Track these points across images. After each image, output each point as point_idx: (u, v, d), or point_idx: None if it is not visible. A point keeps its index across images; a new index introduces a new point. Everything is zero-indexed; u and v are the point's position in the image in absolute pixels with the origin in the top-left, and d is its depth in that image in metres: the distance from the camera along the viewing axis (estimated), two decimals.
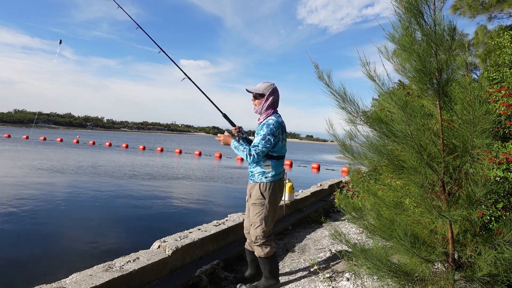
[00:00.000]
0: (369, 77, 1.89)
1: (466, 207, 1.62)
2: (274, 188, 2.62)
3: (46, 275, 4.05)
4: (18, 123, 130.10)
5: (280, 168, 2.69)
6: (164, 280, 2.59)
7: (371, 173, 2.41)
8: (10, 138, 36.58)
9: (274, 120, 2.59)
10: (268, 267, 2.66)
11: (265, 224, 2.60)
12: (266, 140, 2.53)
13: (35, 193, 8.80)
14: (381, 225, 1.89)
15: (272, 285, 2.69)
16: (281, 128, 2.61)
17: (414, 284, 1.82)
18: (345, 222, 4.97)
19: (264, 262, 2.66)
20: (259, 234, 2.60)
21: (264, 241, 2.61)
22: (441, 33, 1.65)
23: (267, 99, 2.65)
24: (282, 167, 2.74)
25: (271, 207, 2.62)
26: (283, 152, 2.70)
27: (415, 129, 1.68)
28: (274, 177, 2.63)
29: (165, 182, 12.41)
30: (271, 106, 2.67)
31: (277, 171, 2.64)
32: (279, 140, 2.60)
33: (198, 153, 29.25)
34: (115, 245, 5.42)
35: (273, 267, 2.68)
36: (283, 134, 2.63)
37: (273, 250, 2.66)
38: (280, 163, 2.69)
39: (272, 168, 2.62)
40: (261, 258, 2.65)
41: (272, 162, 2.63)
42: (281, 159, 2.69)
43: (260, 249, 2.63)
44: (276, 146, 2.61)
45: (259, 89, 2.67)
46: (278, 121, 2.61)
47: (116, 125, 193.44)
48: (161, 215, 7.51)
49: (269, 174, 2.61)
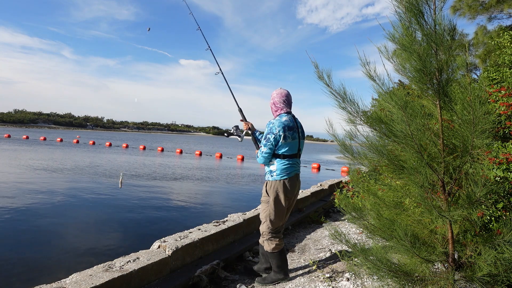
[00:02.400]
0: (369, 77, 1.89)
1: (466, 207, 1.62)
2: (279, 186, 2.68)
3: (46, 275, 4.05)
4: (18, 123, 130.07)
5: (288, 168, 2.70)
6: (164, 280, 2.59)
7: (371, 173, 2.41)
8: (10, 138, 36.58)
9: (275, 120, 2.70)
10: (275, 261, 2.79)
11: (270, 220, 2.72)
12: (267, 139, 2.66)
13: (35, 193, 8.80)
14: (381, 225, 1.89)
15: (280, 279, 2.80)
16: (283, 127, 2.64)
17: (414, 284, 1.82)
18: (345, 222, 4.97)
19: (271, 256, 2.79)
20: (264, 230, 2.77)
21: (270, 236, 2.75)
22: (441, 33, 1.65)
23: (274, 102, 2.81)
24: (292, 167, 2.72)
25: (275, 204, 2.69)
26: (290, 151, 2.69)
27: (415, 129, 1.68)
28: (280, 176, 2.67)
29: (166, 182, 12.41)
30: (278, 108, 2.79)
31: (282, 169, 2.68)
32: (280, 138, 2.63)
33: (199, 153, 29.26)
34: (115, 245, 5.42)
35: (280, 262, 2.79)
36: (285, 132, 2.64)
37: (279, 246, 2.77)
38: (287, 162, 2.69)
39: (276, 166, 2.69)
40: (268, 252, 2.79)
41: (277, 161, 2.69)
42: (287, 158, 2.69)
43: (266, 244, 2.78)
44: (280, 145, 2.65)
45: (271, 96, 2.86)
46: (280, 120, 2.67)
47: (116, 125, 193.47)
48: (161, 215, 7.51)
49: (274, 172, 2.70)
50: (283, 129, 2.63)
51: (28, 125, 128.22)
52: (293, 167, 2.72)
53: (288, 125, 2.67)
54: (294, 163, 2.74)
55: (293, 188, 2.72)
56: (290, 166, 2.70)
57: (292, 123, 2.70)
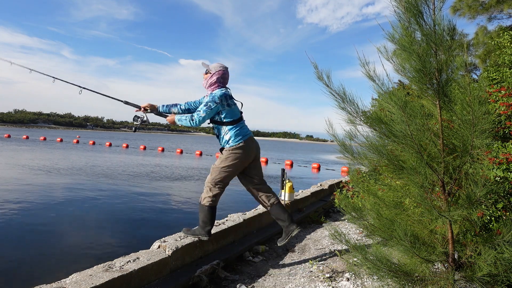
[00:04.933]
0: (368, 77, 1.90)
1: (466, 207, 1.62)
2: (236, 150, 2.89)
3: (46, 275, 4.05)
4: (18, 123, 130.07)
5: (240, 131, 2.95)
6: (164, 280, 2.59)
7: (371, 173, 2.41)
8: (10, 138, 36.59)
9: (217, 91, 2.94)
10: (202, 215, 2.93)
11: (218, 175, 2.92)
12: (208, 106, 2.87)
13: (35, 193, 8.81)
14: (381, 225, 1.89)
15: (201, 235, 2.94)
16: (225, 96, 2.92)
17: (414, 284, 1.82)
18: (345, 222, 4.97)
19: (201, 209, 2.95)
20: (209, 180, 2.95)
21: (211, 186, 2.93)
22: (441, 33, 1.65)
23: (211, 76, 3.01)
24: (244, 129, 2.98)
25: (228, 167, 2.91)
26: (236, 116, 2.97)
27: (415, 129, 1.68)
28: (236, 141, 2.91)
29: (166, 182, 12.41)
30: (215, 83, 3.00)
31: (236, 134, 2.92)
32: (222, 107, 2.91)
33: (199, 153, 29.26)
34: (115, 245, 5.42)
35: (207, 219, 2.93)
36: (228, 100, 2.93)
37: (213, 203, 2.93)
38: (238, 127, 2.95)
39: (230, 134, 2.92)
40: (200, 204, 2.97)
41: (228, 128, 2.93)
42: (237, 123, 2.96)
43: (205, 192, 2.95)
44: (226, 113, 2.92)
45: (210, 67, 3.05)
46: (221, 91, 2.94)
47: (116, 125, 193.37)
48: (161, 215, 7.51)
49: (230, 140, 2.92)
50: (225, 98, 2.92)
51: (28, 125, 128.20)
52: (244, 129, 2.99)
53: (228, 94, 2.98)
54: (244, 126, 3.01)
55: (248, 150, 2.94)
56: (241, 128, 2.96)
57: (229, 93, 3.02)
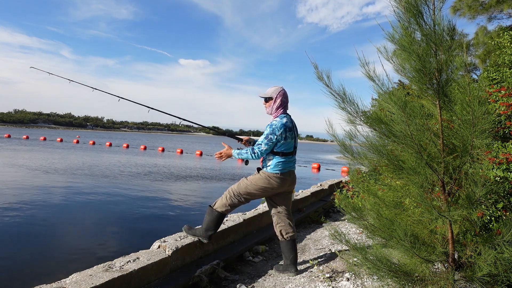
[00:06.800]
0: (368, 77, 1.90)
1: (466, 207, 1.62)
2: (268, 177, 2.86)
3: (46, 275, 4.05)
4: (18, 123, 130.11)
5: (282, 163, 2.89)
6: (164, 280, 2.59)
7: (371, 173, 2.41)
8: (10, 138, 36.58)
9: (277, 121, 2.85)
10: (208, 220, 2.96)
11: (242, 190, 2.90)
12: (269, 139, 2.81)
13: (35, 193, 8.81)
14: (381, 225, 1.89)
15: (202, 237, 2.98)
16: (284, 128, 2.83)
17: (414, 284, 1.82)
18: (345, 222, 4.97)
19: (210, 213, 2.97)
20: (233, 189, 2.94)
21: (230, 196, 2.91)
22: (441, 33, 1.65)
23: (275, 101, 2.92)
24: (286, 163, 2.91)
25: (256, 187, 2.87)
26: (288, 150, 2.90)
27: (415, 129, 1.68)
28: (274, 170, 2.87)
29: (166, 182, 12.42)
30: (280, 107, 2.92)
31: (277, 164, 2.87)
32: (281, 138, 2.82)
33: (199, 153, 29.27)
34: (115, 245, 5.42)
35: (211, 226, 2.95)
36: (286, 133, 2.84)
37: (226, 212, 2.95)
38: (283, 159, 2.89)
39: (272, 162, 2.88)
40: (211, 208, 2.98)
41: (275, 157, 2.88)
42: (285, 156, 2.90)
43: (224, 198, 2.94)
44: (279, 144, 2.85)
45: (269, 93, 2.95)
46: (281, 122, 2.85)
47: (116, 125, 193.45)
48: (161, 215, 7.51)
49: (269, 166, 2.88)
50: (284, 131, 2.83)
51: (28, 125, 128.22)
52: (288, 163, 2.93)
53: (288, 126, 2.87)
54: (289, 160, 2.95)
55: (282, 182, 2.90)
56: (285, 162, 2.90)
57: (291, 124, 2.92)
